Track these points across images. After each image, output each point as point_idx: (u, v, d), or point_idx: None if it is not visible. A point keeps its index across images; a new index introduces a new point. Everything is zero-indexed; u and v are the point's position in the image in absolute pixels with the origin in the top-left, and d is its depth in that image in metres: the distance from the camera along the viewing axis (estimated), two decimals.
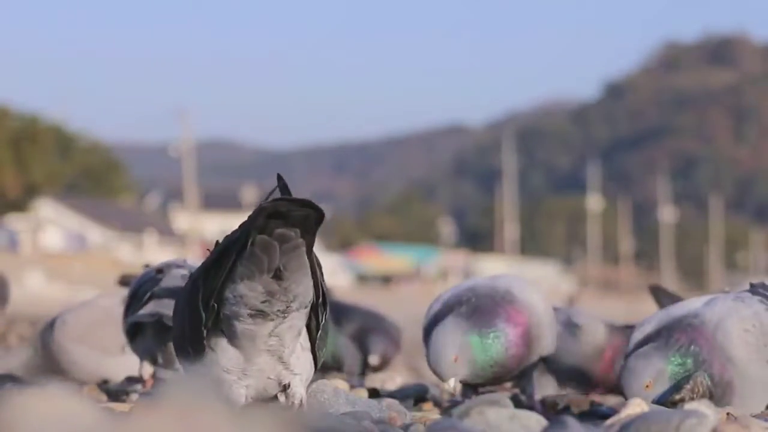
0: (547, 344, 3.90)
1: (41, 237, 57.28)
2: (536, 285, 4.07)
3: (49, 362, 4.49)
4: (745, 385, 3.29)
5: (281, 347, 2.86)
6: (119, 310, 4.20)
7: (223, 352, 2.87)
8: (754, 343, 3.31)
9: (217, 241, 2.92)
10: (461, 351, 3.71)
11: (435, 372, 3.76)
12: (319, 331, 2.92)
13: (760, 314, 3.39)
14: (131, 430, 1.78)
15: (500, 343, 3.75)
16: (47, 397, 1.82)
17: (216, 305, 2.81)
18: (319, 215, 2.69)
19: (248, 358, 2.85)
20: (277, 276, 2.76)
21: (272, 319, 2.83)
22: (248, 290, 2.77)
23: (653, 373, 3.30)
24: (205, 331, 2.84)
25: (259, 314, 2.81)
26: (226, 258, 2.77)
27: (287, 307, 2.80)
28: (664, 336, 3.38)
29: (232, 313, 2.81)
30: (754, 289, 3.51)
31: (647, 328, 3.47)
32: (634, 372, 3.32)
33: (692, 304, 3.49)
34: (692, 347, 3.31)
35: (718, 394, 3.28)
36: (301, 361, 2.91)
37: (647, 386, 3.28)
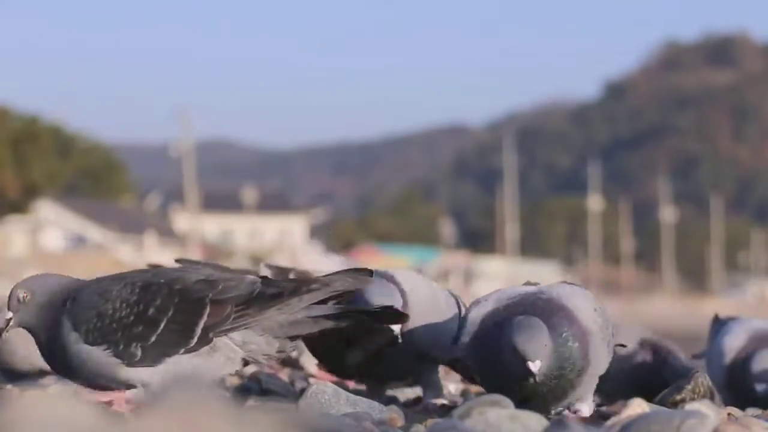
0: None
1: (41, 238, 57.31)
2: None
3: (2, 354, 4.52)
4: (597, 356, 3.23)
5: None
6: None
7: (179, 368, 2.74)
8: (601, 323, 3.27)
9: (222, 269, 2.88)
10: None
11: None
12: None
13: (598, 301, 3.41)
14: (131, 431, 1.78)
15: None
16: (48, 398, 1.82)
17: (213, 338, 2.73)
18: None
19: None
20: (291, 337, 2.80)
21: (257, 362, 2.84)
22: (264, 344, 2.75)
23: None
24: (181, 351, 2.73)
25: (253, 359, 2.79)
26: (259, 309, 2.70)
27: (279, 356, 2.83)
28: (514, 314, 3.14)
29: (225, 347, 2.74)
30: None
31: (489, 305, 3.22)
32: (536, 329, 3.05)
33: (525, 287, 3.34)
34: (563, 327, 3.16)
35: (580, 359, 3.18)
36: None
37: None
